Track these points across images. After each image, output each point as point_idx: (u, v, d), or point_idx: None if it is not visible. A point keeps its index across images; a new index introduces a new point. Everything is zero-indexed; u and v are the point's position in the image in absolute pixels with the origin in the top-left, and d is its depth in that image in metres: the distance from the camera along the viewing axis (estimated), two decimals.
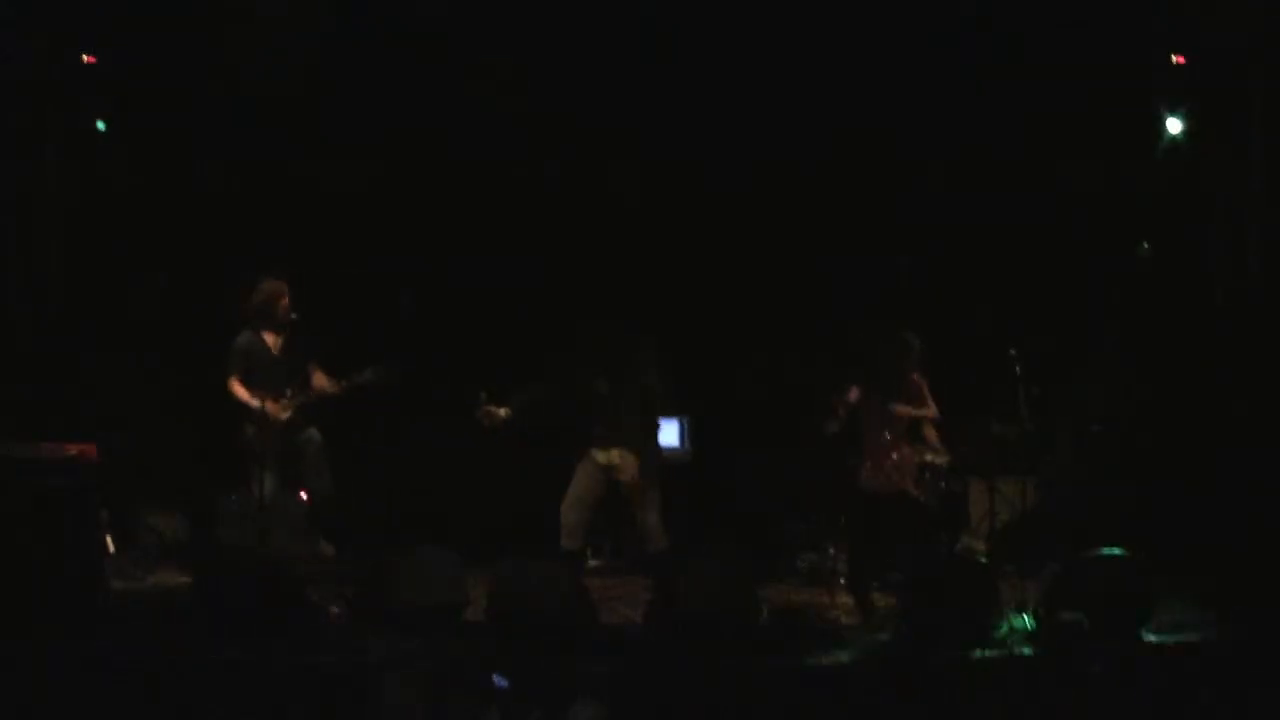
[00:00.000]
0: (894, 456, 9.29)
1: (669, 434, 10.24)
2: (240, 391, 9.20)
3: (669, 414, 9.46)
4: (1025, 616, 8.05)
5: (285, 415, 9.20)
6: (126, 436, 9.86)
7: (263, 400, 9.16)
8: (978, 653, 7.50)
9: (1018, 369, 8.96)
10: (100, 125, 10.38)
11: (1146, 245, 10.08)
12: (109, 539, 9.24)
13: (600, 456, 8.88)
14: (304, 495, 9.65)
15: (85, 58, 10.24)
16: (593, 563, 9.25)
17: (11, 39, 10.01)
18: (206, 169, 10.40)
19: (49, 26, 10.11)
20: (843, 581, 9.31)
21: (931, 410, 9.51)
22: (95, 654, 7.32)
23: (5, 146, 10.09)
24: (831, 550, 9.57)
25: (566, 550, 8.84)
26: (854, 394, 9.26)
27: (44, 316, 10.36)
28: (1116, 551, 8.08)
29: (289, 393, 9.22)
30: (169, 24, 10.12)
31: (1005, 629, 7.93)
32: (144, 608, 8.46)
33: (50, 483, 8.10)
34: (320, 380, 9.27)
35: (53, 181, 10.34)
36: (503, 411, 8.76)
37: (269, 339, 9.33)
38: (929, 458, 9.53)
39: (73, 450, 8.27)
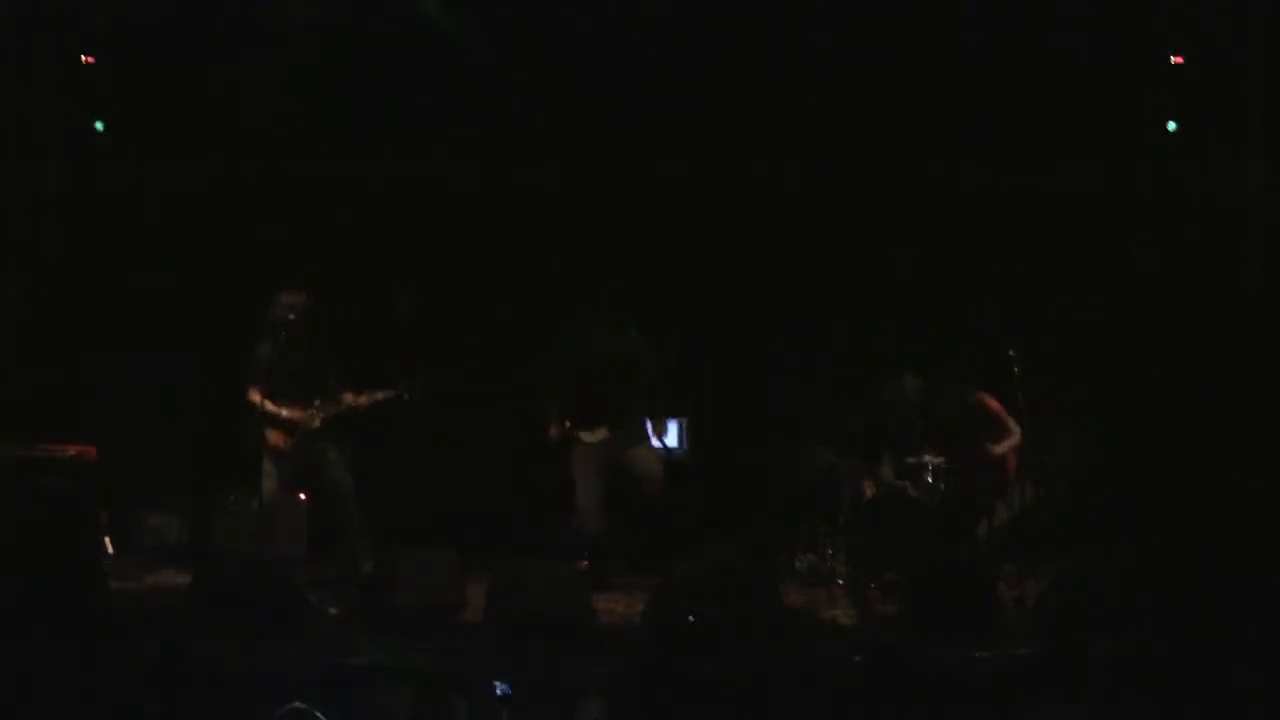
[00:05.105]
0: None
1: (668, 434, 10.25)
2: (266, 403, 8.95)
3: (665, 403, 9.54)
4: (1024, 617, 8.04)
5: (315, 425, 9.03)
6: (126, 436, 9.87)
7: (290, 410, 9.01)
8: (978, 653, 7.49)
9: (1017, 369, 8.96)
10: (100, 125, 10.38)
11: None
12: (108, 539, 9.24)
13: (589, 437, 9.17)
14: (302, 496, 9.64)
15: (85, 58, 10.25)
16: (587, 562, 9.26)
17: (11, 39, 10.01)
18: (206, 169, 10.38)
19: (49, 26, 10.11)
20: (842, 582, 9.32)
21: (1012, 438, 9.44)
22: (95, 654, 7.32)
23: (5, 146, 10.09)
24: (831, 550, 9.58)
25: (590, 535, 9.13)
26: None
27: (44, 316, 10.35)
28: (1115, 552, 8.07)
29: (317, 403, 9.05)
30: (169, 24, 10.11)
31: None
32: (143, 608, 8.46)
33: (50, 483, 8.10)
34: (347, 394, 9.08)
35: (53, 181, 10.34)
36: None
37: (293, 349, 9.03)
38: (927, 458, 9.53)
39: (72, 450, 8.27)
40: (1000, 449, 9.50)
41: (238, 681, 7.05)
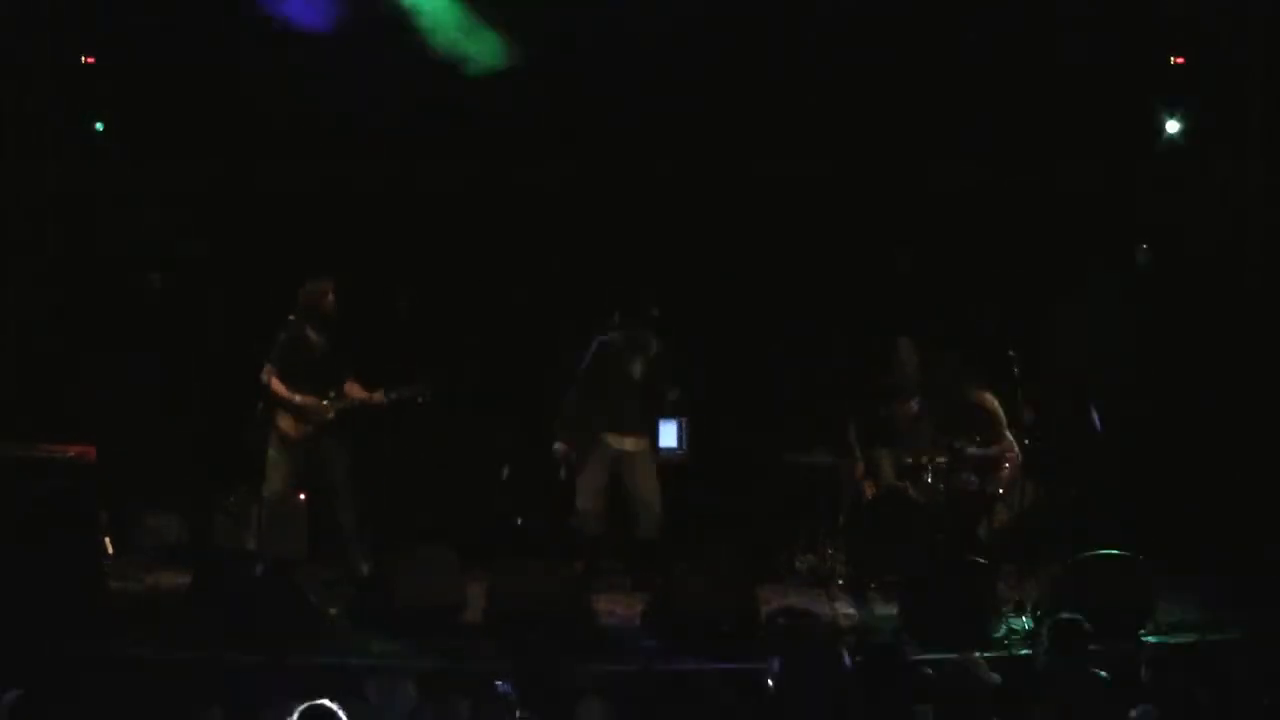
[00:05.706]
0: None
1: (667, 434, 10.25)
2: (278, 386, 8.92)
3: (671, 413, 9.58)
4: (1024, 618, 8.05)
5: (329, 416, 9.00)
6: (126, 437, 9.86)
7: (304, 397, 8.96)
8: (978, 653, 7.49)
9: (1017, 370, 8.95)
10: (100, 125, 10.38)
11: (1145, 248, 10.10)
12: (108, 539, 9.24)
13: (614, 442, 9.14)
14: (302, 496, 9.64)
15: (85, 58, 10.25)
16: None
17: (11, 39, 10.00)
18: (206, 169, 10.38)
19: (49, 26, 10.11)
20: (842, 582, 9.31)
21: (1004, 442, 9.36)
22: (95, 654, 7.32)
23: (5, 146, 10.08)
24: (831, 550, 9.57)
25: (589, 537, 9.11)
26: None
27: (43, 316, 10.35)
28: (1116, 551, 8.07)
29: (332, 394, 8.99)
30: (169, 24, 10.11)
31: (1004, 630, 7.93)
32: (143, 608, 8.46)
33: (50, 483, 8.10)
34: (354, 389, 9.04)
35: (53, 181, 10.33)
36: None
37: (313, 337, 9.03)
38: (925, 459, 9.52)
39: (72, 451, 8.27)
40: (991, 451, 9.48)
41: (238, 681, 7.05)
